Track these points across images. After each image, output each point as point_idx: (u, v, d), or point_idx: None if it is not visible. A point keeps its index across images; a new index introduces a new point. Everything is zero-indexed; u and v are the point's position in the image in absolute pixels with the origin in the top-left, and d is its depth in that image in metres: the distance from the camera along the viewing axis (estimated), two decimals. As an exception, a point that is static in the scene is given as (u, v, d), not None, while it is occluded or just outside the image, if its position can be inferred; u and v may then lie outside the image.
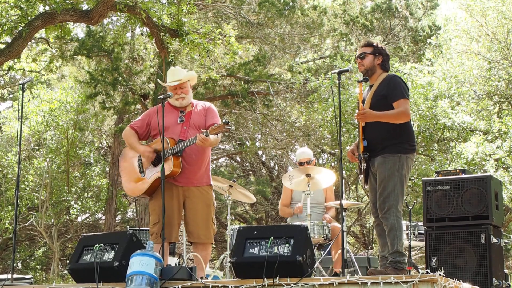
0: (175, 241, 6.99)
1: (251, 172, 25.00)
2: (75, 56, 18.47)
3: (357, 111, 6.49)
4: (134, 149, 6.99)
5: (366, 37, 19.77)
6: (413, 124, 14.39)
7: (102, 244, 6.29)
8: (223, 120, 6.43)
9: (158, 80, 13.75)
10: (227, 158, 25.29)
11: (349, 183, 20.12)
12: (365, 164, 6.50)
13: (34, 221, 19.98)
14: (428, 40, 18.92)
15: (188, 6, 12.79)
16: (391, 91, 6.43)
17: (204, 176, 6.89)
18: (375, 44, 6.68)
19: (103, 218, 21.83)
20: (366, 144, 6.49)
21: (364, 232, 23.28)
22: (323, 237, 8.14)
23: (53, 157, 19.41)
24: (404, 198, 6.56)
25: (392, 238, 6.27)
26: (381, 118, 6.38)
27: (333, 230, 8.31)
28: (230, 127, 6.40)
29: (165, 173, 6.48)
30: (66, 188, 19.52)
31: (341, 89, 7.79)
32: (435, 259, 7.24)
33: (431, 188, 7.47)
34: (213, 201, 6.94)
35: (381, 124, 6.41)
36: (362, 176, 6.59)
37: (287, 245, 5.77)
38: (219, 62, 15.98)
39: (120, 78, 18.05)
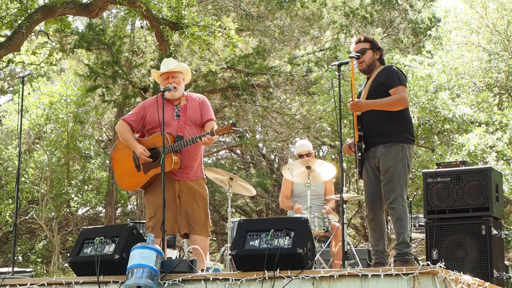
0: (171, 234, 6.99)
1: (251, 165, 25.00)
2: (75, 49, 18.43)
3: (350, 100, 6.39)
4: (131, 146, 6.91)
5: (366, 29, 19.73)
6: (413, 117, 14.39)
7: (102, 237, 6.29)
8: (230, 121, 6.42)
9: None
10: (228, 151, 25.28)
11: (350, 175, 20.10)
12: (359, 154, 6.45)
13: (34, 214, 19.98)
14: (428, 32, 18.87)
15: (188, -2, 12.78)
16: (389, 79, 6.39)
17: (199, 169, 6.96)
18: (371, 39, 6.64)
19: (104, 211, 21.85)
20: (361, 133, 6.46)
21: (365, 224, 23.28)
22: (324, 229, 8.13)
23: (53, 150, 19.40)
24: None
25: (398, 228, 6.25)
26: (375, 106, 6.33)
27: (333, 228, 8.29)
28: (237, 129, 6.40)
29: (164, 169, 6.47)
30: (66, 181, 19.52)
31: (341, 81, 7.75)
32: (435, 251, 7.24)
33: (431, 180, 7.45)
34: (207, 193, 6.99)
35: (376, 113, 6.36)
36: (357, 169, 6.55)
37: (287, 237, 5.76)
38: (219, 55, 15.95)
39: (120, 71, 18.02)
